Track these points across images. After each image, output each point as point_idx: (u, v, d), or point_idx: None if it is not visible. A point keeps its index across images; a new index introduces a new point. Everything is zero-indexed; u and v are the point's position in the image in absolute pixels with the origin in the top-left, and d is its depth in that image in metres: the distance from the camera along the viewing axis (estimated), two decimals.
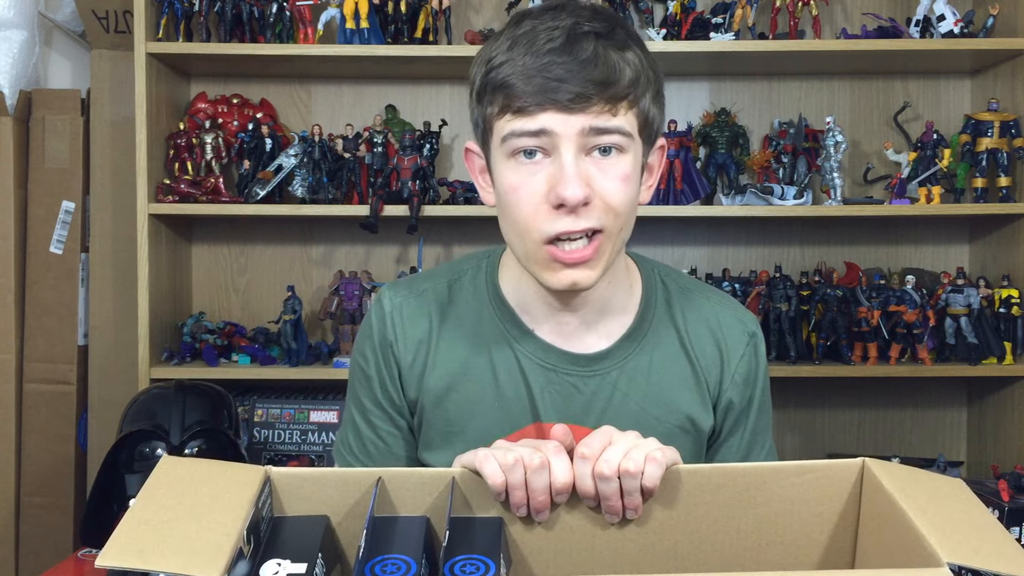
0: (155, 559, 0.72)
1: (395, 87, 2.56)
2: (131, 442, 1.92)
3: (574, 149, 1.01)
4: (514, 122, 1.02)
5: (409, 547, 0.83)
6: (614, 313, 1.17)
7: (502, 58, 1.03)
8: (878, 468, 0.90)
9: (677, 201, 2.36)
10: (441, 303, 1.19)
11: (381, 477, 0.89)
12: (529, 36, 1.02)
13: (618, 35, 1.04)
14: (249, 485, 0.85)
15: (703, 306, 1.21)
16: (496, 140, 1.06)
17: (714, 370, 1.18)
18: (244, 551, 0.78)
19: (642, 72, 1.04)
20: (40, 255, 2.46)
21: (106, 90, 2.47)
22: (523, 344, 1.16)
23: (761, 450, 1.23)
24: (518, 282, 1.16)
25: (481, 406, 1.15)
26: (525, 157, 1.03)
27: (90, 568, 1.80)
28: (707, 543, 0.93)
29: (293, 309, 2.33)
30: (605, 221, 1.03)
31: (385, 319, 1.19)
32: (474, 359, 1.16)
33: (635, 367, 1.16)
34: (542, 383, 1.15)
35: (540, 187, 1.03)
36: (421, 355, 1.17)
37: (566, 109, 1.00)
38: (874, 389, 2.59)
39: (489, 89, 1.05)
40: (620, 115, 1.02)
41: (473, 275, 1.21)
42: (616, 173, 1.03)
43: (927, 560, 0.76)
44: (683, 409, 1.16)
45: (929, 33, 2.33)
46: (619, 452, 0.90)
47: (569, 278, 1.05)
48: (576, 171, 1.01)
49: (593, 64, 1.00)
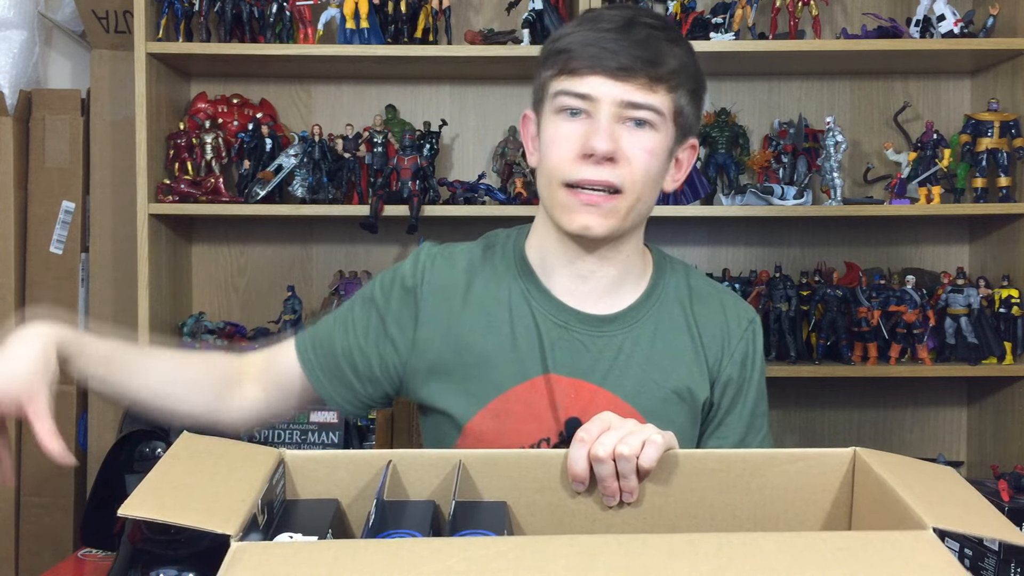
0: (175, 513, 0.76)
1: (395, 87, 2.56)
2: (131, 442, 1.92)
3: (611, 114, 1.13)
4: (565, 82, 1.15)
5: (416, 524, 0.86)
6: (627, 285, 1.26)
7: (568, 31, 1.18)
8: (869, 456, 0.93)
9: (677, 201, 2.36)
10: (473, 263, 1.27)
11: (391, 460, 0.93)
12: (594, 18, 1.18)
13: (672, 32, 1.19)
14: (264, 463, 0.88)
15: (710, 293, 1.30)
16: (548, 98, 1.18)
17: (715, 347, 1.27)
18: (259, 520, 0.81)
19: (685, 66, 1.17)
20: (40, 255, 2.46)
21: (106, 90, 2.47)
22: (540, 302, 1.24)
23: (758, 433, 1.30)
24: (542, 243, 1.25)
25: (496, 356, 1.22)
26: (570, 115, 1.15)
27: (90, 568, 1.80)
28: (703, 529, 0.95)
29: (293, 309, 2.33)
30: (625, 181, 1.14)
31: (417, 265, 1.27)
32: (496, 312, 1.24)
33: (640, 333, 1.24)
34: (553, 338, 1.22)
35: (576, 141, 1.14)
36: (446, 302, 1.24)
37: (612, 76, 1.12)
38: (874, 389, 2.59)
39: (552, 55, 1.18)
40: (658, 94, 1.14)
41: (504, 243, 1.31)
42: (644, 144, 1.15)
43: (914, 527, 0.78)
44: (682, 377, 1.24)
45: (929, 33, 2.34)
46: (616, 437, 0.95)
47: (582, 220, 1.15)
48: (609, 129, 1.13)
49: (643, 45, 1.13)
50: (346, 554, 0.69)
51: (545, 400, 1.21)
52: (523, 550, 0.69)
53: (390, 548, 0.70)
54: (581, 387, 1.21)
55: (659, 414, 1.18)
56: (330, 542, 0.80)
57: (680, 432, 1.07)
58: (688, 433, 1.25)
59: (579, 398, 1.21)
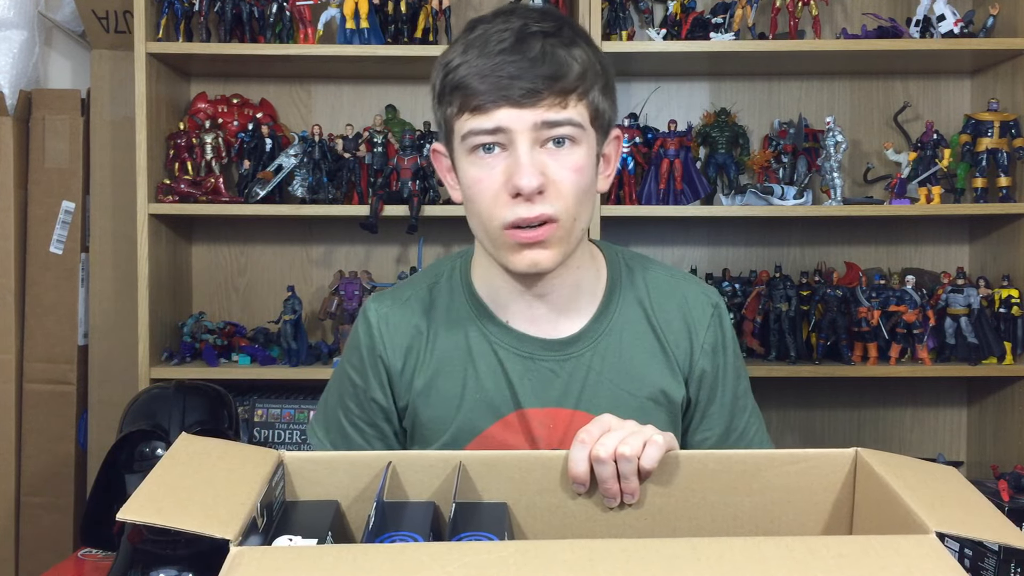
0: (174, 517, 0.76)
1: (395, 87, 2.56)
2: (131, 442, 1.91)
3: (528, 142, 1.08)
4: (471, 120, 1.09)
5: (416, 526, 0.86)
6: (582, 298, 1.23)
7: (458, 61, 1.11)
8: (871, 456, 0.92)
9: (677, 201, 2.36)
10: (425, 308, 1.25)
11: (391, 461, 0.92)
12: (482, 39, 1.10)
13: (565, 33, 1.11)
14: (263, 465, 0.88)
15: (667, 283, 1.27)
16: (457, 139, 1.13)
17: (683, 343, 1.24)
18: (258, 523, 0.80)
19: (589, 67, 1.11)
20: (40, 255, 2.46)
21: (106, 90, 2.47)
22: (498, 336, 1.22)
23: (743, 412, 1.28)
24: (488, 276, 1.23)
25: (463, 400, 1.21)
26: (484, 152, 1.10)
27: (90, 568, 1.80)
28: (705, 530, 0.95)
29: (293, 309, 2.33)
30: (559, 208, 1.10)
31: (372, 330, 1.25)
32: (454, 355, 1.22)
33: (606, 346, 1.22)
34: (520, 371, 1.21)
35: (498, 178, 1.10)
36: (411, 361, 1.23)
37: (519, 104, 1.07)
38: (874, 389, 2.59)
39: (448, 91, 1.12)
40: (570, 107, 1.09)
41: (449, 276, 1.27)
42: (569, 163, 1.10)
43: (916, 531, 0.78)
44: (655, 382, 1.22)
45: (929, 33, 2.33)
46: (617, 437, 0.95)
47: (529, 258, 1.12)
48: (530, 161, 1.08)
49: (541, 61, 1.07)
50: (345, 559, 0.69)
51: (521, 436, 1.20)
52: (523, 555, 0.69)
53: (390, 552, 0.70)
54: (556, 415, 1.20)
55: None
56: (329, 547, 0.80)
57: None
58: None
59: (556, 427, 1.20)
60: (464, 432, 1.20)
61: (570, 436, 1.03)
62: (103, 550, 1.76)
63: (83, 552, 1.88)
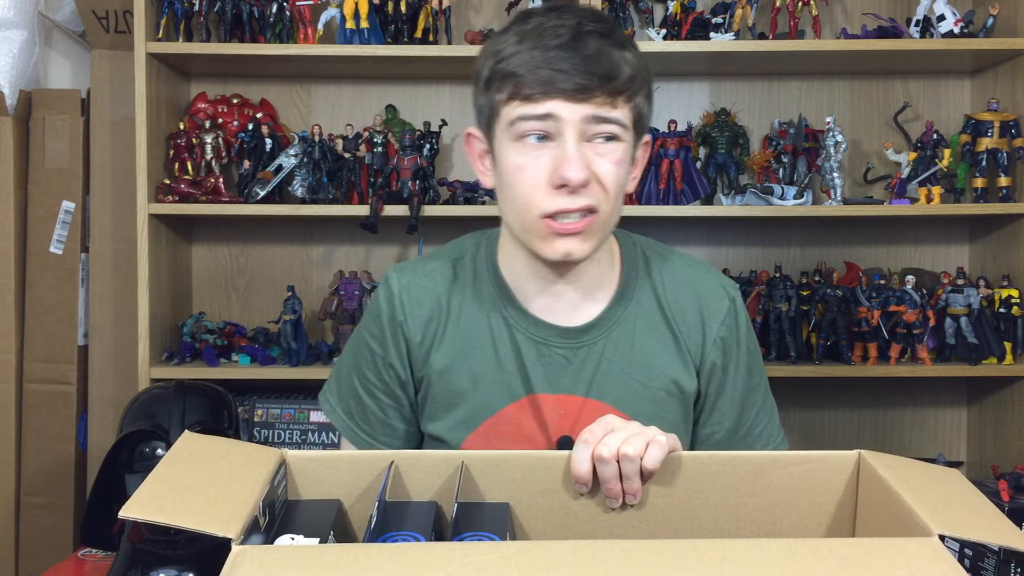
0: (176, 516, 0.76)
1: (395, 87, 2.56)
2: (131, 442, 1.91)
3: (576, 135, 1.10)
4: (522, 107, 1.11)
5: (418, 526, 0.87)
6: (599, 287, 1.24)
7: (511, 50, 1.12)
8: (874, 458, 0.92)
9: (677, 201, 2.36)
10: (448, 282, 1.26)
11: (393, 460, 0.92)
12: (536, 31, 1.11)
13: (617, 35, 1.14)
14: (266, 464, 0.88)
15: (684, 273, 1.28)
16: (503, 124, 1.14)
17: (695, 334, 1.24)
18: (260, 522, 0.80)
19: (639, 71, 1.14)
20: (40, 255, 2.45)
21: (106, 90, 2.47)
22: (517, 319, 1.23)
23: (752, 408, 1.28)
24: (513, 260, 1.24)
25: (482, 378, 1.22)
26: (532, 140, 1.11)
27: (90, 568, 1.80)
28: (707, 531, 0.95)
29: (293, 309, 2.33)
30: (600, 200, 1.12)
31: (394, 299, 1.26)
32: (476, 334, 1.23)
33: (619, 336, 1.23)
34: (534, 357, 1.22)
35: (543, 168, 1.11)
36: (430, 333, 1.24)
37: (571, 98, 1.09)
38: (874, 389, 2.59)
39: (498, 78, 1.13)
40: (619, 108, 1.11)
41: (473, 255, 1.29)
42: (613, 158, 1.12)
43: (919, 534, 0.78)
44: (667, 373, 1.23)
45: (929, 33, 2.33)
46: (620, 438, 0.95)
47: (564, 247, 1.13)
48: (578, 155, 1.09)
49: (596, 60, 1.09)
50: (347, 558, 0.69)
51: (533, 421, 1.21)
52: (525, 555, 0.69)
53: (392, 552, 0.70)
54: (567, 402, 1.21)
55: (650, 415, 1.17)
56: (331, 546, 0.80)
57: (674, 429, 1.07)
58: (682, 428, 1.24)
59: (567, 414, 1.21)
60: (481, 409, 1.21)
61: (581, 424, 1.04)
62: (103, 550, 1.76)
63: (83, 552, 1.88)
